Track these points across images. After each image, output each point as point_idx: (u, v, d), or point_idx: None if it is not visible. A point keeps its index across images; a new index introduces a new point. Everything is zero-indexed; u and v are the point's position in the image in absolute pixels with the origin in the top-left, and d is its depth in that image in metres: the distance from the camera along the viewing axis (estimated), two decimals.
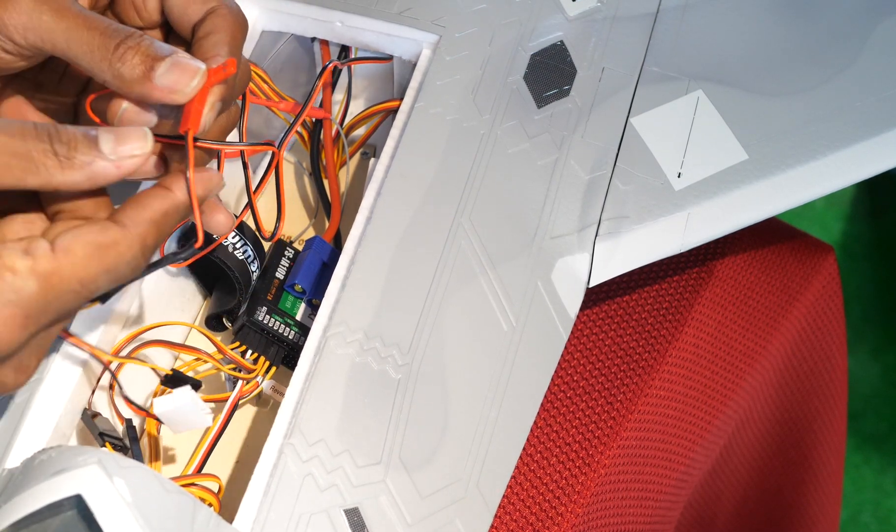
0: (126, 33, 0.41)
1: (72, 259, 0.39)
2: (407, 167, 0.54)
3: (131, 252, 0.40)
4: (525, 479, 0.56)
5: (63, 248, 0.39)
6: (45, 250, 0.38)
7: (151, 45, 0.41)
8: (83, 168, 0.39)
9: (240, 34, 0.45)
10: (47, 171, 0.39)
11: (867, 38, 0.61)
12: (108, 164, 0.40)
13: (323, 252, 0.56)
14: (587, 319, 0.62)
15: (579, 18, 0.61)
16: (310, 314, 0.54)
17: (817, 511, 0.84)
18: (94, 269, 0.39)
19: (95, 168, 0.40)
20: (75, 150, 0.39)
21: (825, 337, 0.73)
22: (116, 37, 0.41)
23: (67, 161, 0.39)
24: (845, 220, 1.56)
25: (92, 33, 0.41)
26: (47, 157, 0.39)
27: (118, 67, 0.41)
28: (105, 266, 0.39)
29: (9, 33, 0.41)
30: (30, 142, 0.39)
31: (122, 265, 0.40)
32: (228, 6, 0.45)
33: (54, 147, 0.39)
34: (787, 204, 0.57)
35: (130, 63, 0.41)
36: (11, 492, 0.40)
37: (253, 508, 0.44)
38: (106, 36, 0.41)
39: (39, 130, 0.39)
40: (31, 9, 0.41)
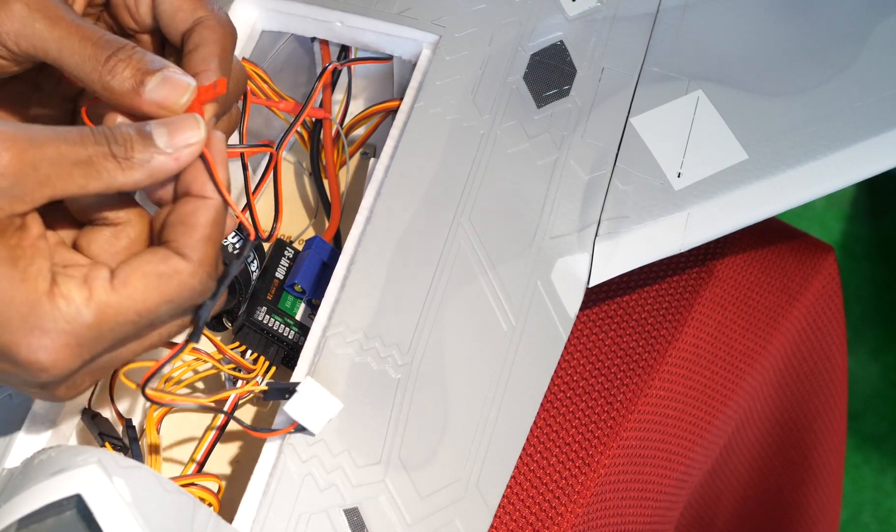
0: (118, 45, 0.41)
1: (130, 291, 0.39)
2: (407, 167, 0.54)
3: (197, 277, 0.40)
4: (525, 479, 0.56)
5: (122, 280, 0.39)
6: (104, 281, 0.39)
7: (143, 58, 0.41)
8: (143, 166, 0.39)
9: (229, 45, 0.45)
10: (109, 175, 0.39)
11: (867, 38, 0.61)
12: (166, 158, 0.40)
13: (323, 252, 0.56)
14: (587, 319, 0.62)
15: (579, 18, 0.61)
16: (310, 314, 0.54)
17: (817, 511, 0.84)
18: (154, 300, 0.39)
19: (155, 164, 0.40)
20: (132, 150, 0.39)
21: (825, 337, 0.73)
22: (108, 48, 0.41)
23: (126, 162, 0.39)
24: (845, 220, 1.56)
25: (83, 44, 0.41)
26: (107, 161, 0.39)
27: (108, 80, 0.41)
28: (165, 296, 0.39)
29: (2, 40, 0.41)
30: (90, 148, 0.38)
31: (185, 292, 0.40)
32: (217, 17, 0.45)
33: (112, 149, 0.39)
34: (787, 204, 0.57)
35: (121, 76, 0.41)
36: (11, 491, 0.40)
37: (252, 508, 0.44)
38: (97, 47, 0.41)
39: (97, 134, 0.39)
40: (24, 17, 0.41)
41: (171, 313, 0.40)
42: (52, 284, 0.38)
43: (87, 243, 0.42)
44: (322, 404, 0.46)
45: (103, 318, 0.38)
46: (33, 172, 0.37)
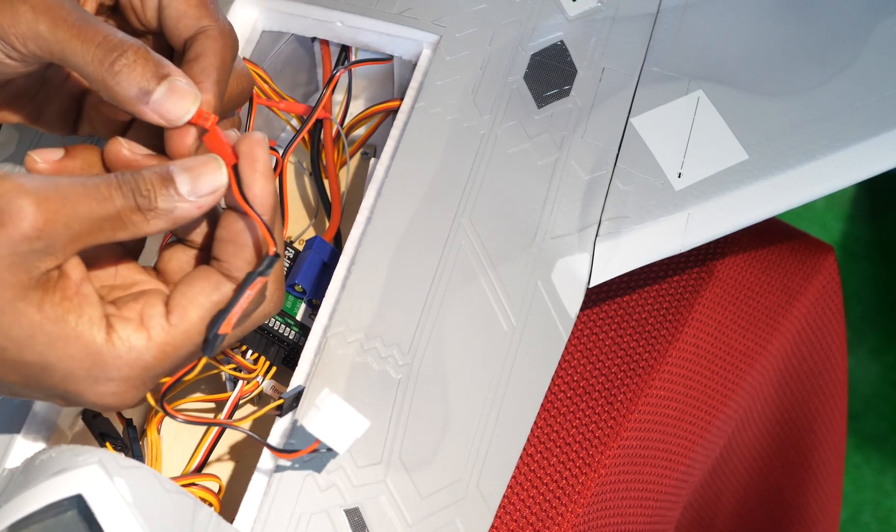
0: (123, 48, 0.41)
1: (186, 326, 0.40)
2: (407, 167, 0.54)
3: (248, 300, 0.40)
4: (525, 479, 0.56)
5: (179, 315, 0.40)
6: (160, 320, 0.39)
7: (147, 64, 0.41)
8: (167, 215, 0.40)
9: (229, 56, 0.45)
10: (135, 226, 0.39)
11: (867, 38, 0.61)
12: (188, 206, 0.40)
13: (323, 252, 0.56)
14: (587, 319, 0.62)
15: (579, 18, 0.61)
16: (310, 314, 0.54)
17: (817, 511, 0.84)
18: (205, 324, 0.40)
19: (178, 213, 0.40)
20: (156, 200, 0.39)
21: (825, 337, 0.73)
22: (113, 52, 0.41)
23: (150, 213, 0.39)
24: (845, 220, 1.56)
25: (87, 46, 0.41)
26: (133, 214, 0.39)
27: (112, 85, 0.41)
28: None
29: (10, 41, 0.42)
30: (117, 202, 0.39)
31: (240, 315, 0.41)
32: (220, 28, 0.45)
33: (137, 202, 0.39)
34: (787, 204, 0.57)
35: (126, 82, 0.41)
36: (12, 492, 0.40)
37: (253, 508, 0.44)
38: (103, 49, 0.41)
39: (124, 188, 0.39)
40: (31, 19, 0.41)
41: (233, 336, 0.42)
42: (108, 331, 0.38)
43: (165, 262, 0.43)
44: (347, 421, 0.44)
45: (164, 357, 0.39)
46: (66, 231, 0.38)
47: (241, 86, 0.47)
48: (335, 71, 0.60)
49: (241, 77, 0.47)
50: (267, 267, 0.41)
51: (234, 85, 0.46)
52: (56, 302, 0.38)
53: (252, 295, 0.41)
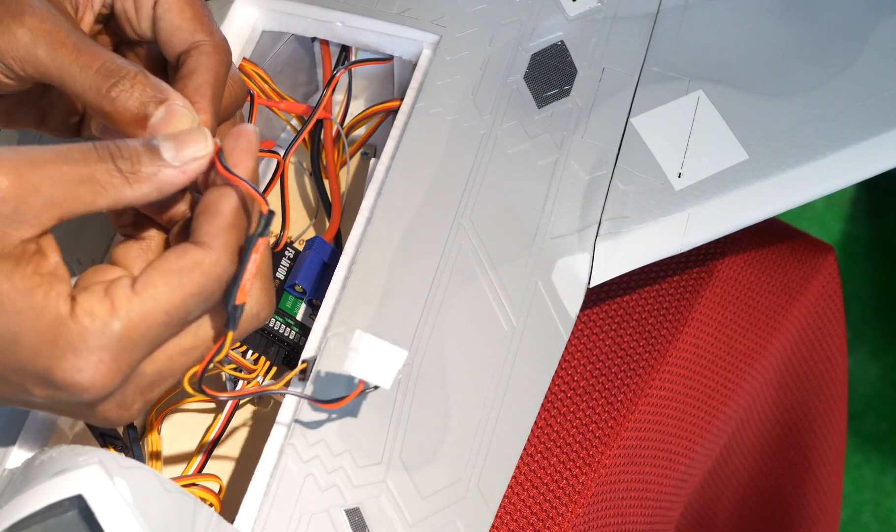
0: (120, 74, 0.41)
1: (152, 292, 0.38)
2: (407, 167, 0.54)
3: (220, 266, 0.39)
4: (525, 479, 0.56)
5: (143, 283, 0.38)
6: (125, 289, 0.38)
7: (146, 88, 0.41)
8: (150, 179, 0.39)
9: (223, 72, 0.44)
10: (115, 190, 0.39)
11: (867, 38, 0.61)
12: (173, 172, 0.39)
13: (323, 252, 0.56)
14: (587, 319, 0.62)
15: (579, 18, 0.61)
16: (310, 314, 0.54)
17: (817, 511, 0.84)
18: (179, 296, 0.39)
19: (162, 177, 0.39)
20: (139, 163, 0.39)
21: (825, 337, 0.73)
22: (110, 77, 0.41)
23: (133, 176, 0.39)
24: (845, 220, 1.56)
25: (86, 72, 0.41)
26: (112, 176, 0.38)
27: (110, 110, 0.41)
28: (190, 290, 0.39)
29: (9, 64, 0.42)
30: (93, 165, 0.38)
31: (210, 283, 0.39)
32: (214, 43, 0.44)
33: (118, 164, 0.39)
34: (787, 204, 0.57)
35: (123, 107, 0.41)
36: (12, 492, 0.40)
37: (254, 508, 0.44)
38: (100, 75, 0.41)
39: (100, 150, 0.39)
40: (29, 43, 0.41)
41: (203, 305, 0.40)
42: (73, 305, 0.38)
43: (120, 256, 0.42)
44: (385, 356, 0.44)
45: (131, 326, 0.38)
46: (35, 194, 0.37)
47: (235, 93, 0.47)
48: (335, 71, 0.60)
49: (234, 84, 0.47)
50: (265, 226, 0.40)
51: (227, 93, 0.46)
52: (27, 275, 0.37)
53: (258, 259, 0.40)
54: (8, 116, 0.47)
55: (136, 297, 0.38)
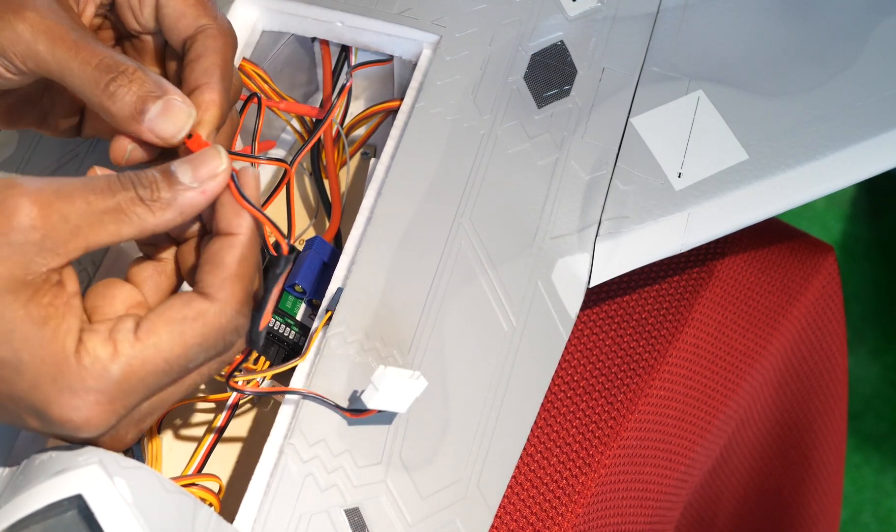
0: (119, 69, 0.41)
1: (155, 340, 0.39)
2: (407, 167, 0.54)
3: (224, 317, 0.40)
4: (525, 479, 0.56)
5: (146, 330, 0.39)
6: (128, 334, 0.38)
7: (144, 83, 0.41)
8: (171, 205, 0.40)
9: (230, 54, 0.45)
10: (139, 219, 0.39)
11: (867, 38, 0.61)
12: (193, 194, 0.40)
13: (323, 252, 0.55)
14: (587, 319, 0.62)
15: (579, 18, 0.61)
16: (310, 314, 0.54)
17: (817, 511, 0.84)
18: (181, 346, 0.39)
19: (182, 201, 0.40)
20: (158, 190, 0.39)
21: (825, 337, 0.73)
22: (108, 73, 0.41)
23: (154, 203, 0.39)
24: (845, 220, 1.56)
25: (84, 67, 0.41)
26: (136, 205, 0.39)
27: (108, 105, 0.41)
28: (192, 340, 0.39)
29: (10, 58, 0.42)
30: (118, 194, 0.39)
31: (213, 333, 0.40)
32: (219, 26, 0.45)
33: (139, 193, 0.39)
34: (787, 204, 0.57)
35: (121, 102, 0.41)
36: (12, 492, 0.40)
37: (253, 508, 0.44)
38: (99, 70, 0.41)
39: (123, 180, 0.39)
40: (30, 39, 0.41)
41: (204, 355, 0.40)
42: (78, 343, 0.38)
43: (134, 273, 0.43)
44: (405, 388, 0.44)
45: (130, 372, 0.38)
46: (64, 224, 0.37)
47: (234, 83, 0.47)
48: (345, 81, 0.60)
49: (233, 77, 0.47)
50: (286, 265, 0.42)
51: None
52: (43, 304, 0.37)
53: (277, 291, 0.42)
54: (9, 116, 0.48)
55: (139, 343, 0.38)
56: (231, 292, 0.40)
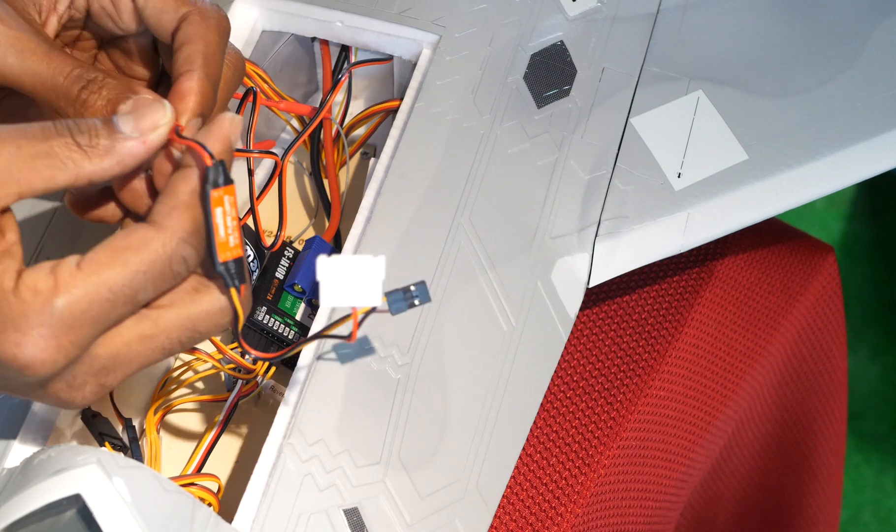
0: (88, 78, 0.41)
1: (96, 268, 0.37)
2: (407, 167, 0.54)
3: (169, 245, 0.38)
4: (525, 479, 0.56)
5: (88, 261, 0.38)
6: (70, 266, 0.38)
7: (114, 88, 0.41)
8: (110, 152, 0.38)
9: (215, 37, 0.43)
10: (75, 165, 0.38)
11: (867, 38, 0.61)
12: (133, 143, 0.39)
13: (323, 252, 0.55)
14: (587, 319, 0.62)
15: (579, 18, 0.61)
16: (309, 314, 0.54)
17: (817, 511, 0.84)
18: (123, 273, 0.38)
19: (122, 149, 0.39)
20: (97, 136, 0.38)
21: (825, 337, 0.73)
22: (79, 82, 0.41)
23: (92, 149, 0.38)
24: (845, 220, 1.56)
25: (56, 78, 0.41)
26: (71, 150, 0.38)
27: (81, 113, 0.41)
28: (135, 267, 0.38)
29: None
30: (51, 139, 0.38)
31: (158, 261, 0.38)
32: (200, 11, 0.44)
33: (76, 139, 0.38)
34: (787, 204, 0.57)
35: (93, 107, 0.41)
36: (11, 491, 0.40)
37: (252, 508, 0.44)
38: (70, 81, 0.41)
39: (58, 126, 0.38)
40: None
41: (152, 285, 0.38)
42: (17, 281, 0.37)
43: None
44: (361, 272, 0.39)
45: (73, 302, 0.37)
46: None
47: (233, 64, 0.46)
48: (340, 75, 0.60)
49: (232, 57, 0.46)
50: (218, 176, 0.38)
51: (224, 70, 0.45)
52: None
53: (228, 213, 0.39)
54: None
55: (80, 273, 0.37)
56: (178, 220, 0.39)
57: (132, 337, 0.39)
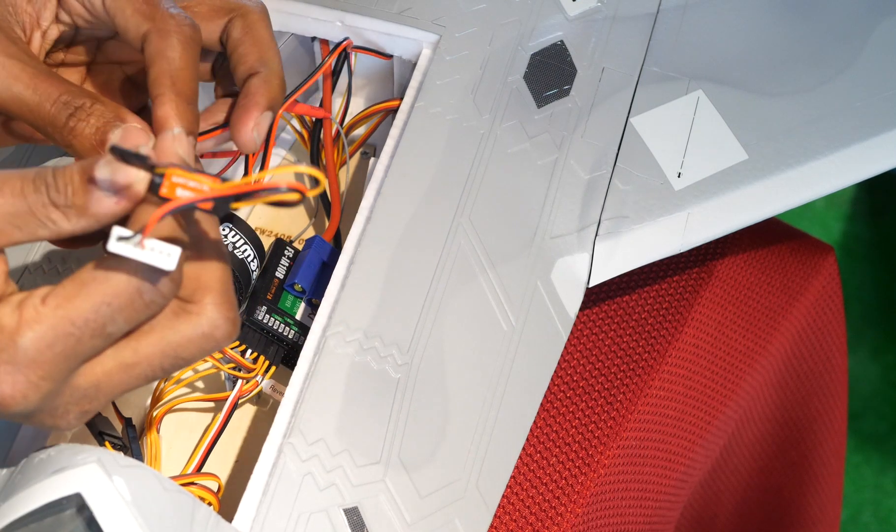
0: (76, 104, 0.41)
1: (59, 301, 0.37)
2: (407, 167, 0.54)
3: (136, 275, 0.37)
4: (525, 479, 0.56)
5: (54, 294, 0.37)
6: (35, 301, 0.37)
7: (101, 115, 0.41)
8: (86, 213, 0.37)
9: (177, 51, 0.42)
10: (54, 224, 0.37)
11: (867, 38, 0.61)
12: (109, 202, 0.37)
13: (323, 251, 0.56)
14: (587, 319, 0.62)
15: (579, 18, 0.61)
16: (309, 314, 0.54)
17: (817, 511, 0.84)
18: (86, 306, 0.37)
19: (98, 209, 0.37)
20: (74, 195, 0.37)
21: (825, 337, 0.73)
22: (66, 110, 0.41)
23: (69, 210, 0.37)
24: (845, 220, 1.56)
25: (42, 106, 0.41)
26: (48, 210, 0.37)
27: (70, 140, 0.41)
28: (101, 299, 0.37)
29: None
30: (30, 198, 0.37)
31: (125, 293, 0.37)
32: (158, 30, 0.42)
33: (52, 198, 0.37)
34: (787, 204, 0.57)
35: (81, 135, 0.40)
36: (11, 490, 0.40)
37: (252, 507, 0.44)
38: (57, 108, 0.41)
39: (37, 182, 0.37)
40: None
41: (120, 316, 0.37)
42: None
43: None
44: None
45: (37, 338, 0.36)
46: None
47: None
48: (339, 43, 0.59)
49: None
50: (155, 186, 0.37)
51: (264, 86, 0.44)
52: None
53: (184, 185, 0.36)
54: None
55: (44, 309, 0.37)
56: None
57: (112, 366, 0.39)
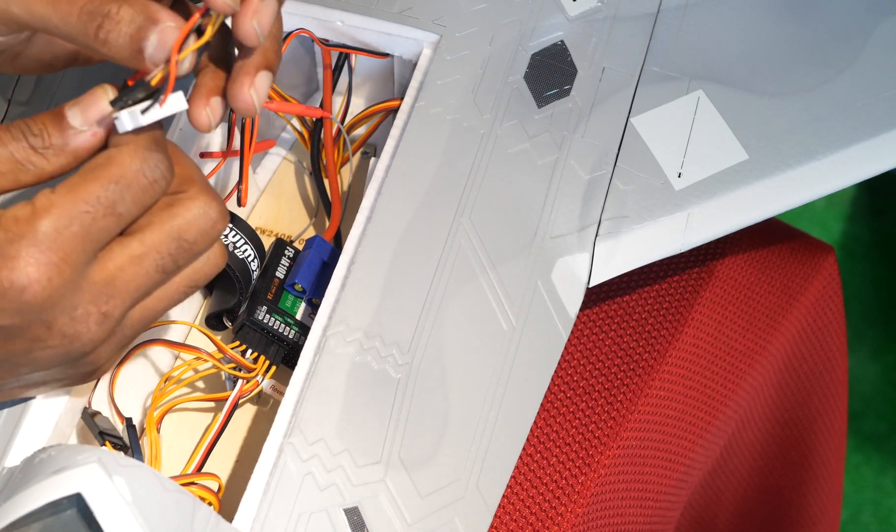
0: (102, 14, 0.40)
1: (69, 188, 0.38)
2: (407, 167, 0.54)
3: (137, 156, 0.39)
4: (525, 479, 0.56)
5: (61, 185, 0.39)
6: (45, 193, 0.39)
7: (132, 21, 0.40)
8: (64, 151, 0.39)
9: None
10: (35, 167, 0.39)
11: (867, 38, 0.61)
12: (84, 137, 0.40)
13: (323, 251, 0.56)
14: (587, 319, 0.62)
15: (580, 18, 0.61)
16: (310, 313, 0.54)
17: (817, 511, 0.84)
18: (95, 186, 0.39)
19: (75, 146, 0.40)
20: (49, 137, 0.39)
21: (825, 337, 0.73)
22: (94, 20, 0.40)
23: (48, 151, 0.39)
24: (845, 220, 1.56)
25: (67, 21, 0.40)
26: (29, 154, 0.39)
27: (106, 52, 0.40)
28: (108, 178, 0.39)
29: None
30: (9, 145, 0.39)
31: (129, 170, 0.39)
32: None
33: (30, 142, 0.39)
34: (787, 204, 0.57)
35: (116, 46, 0.40)
36: (11, 490, 0.40)
37: (253, 507, 0.44)
38: (83, 20, 0.40)
39: (14, 131, 0.39)
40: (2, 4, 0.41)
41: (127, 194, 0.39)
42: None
43: None
44: None
45: (55, 219, 0.38)
46: None
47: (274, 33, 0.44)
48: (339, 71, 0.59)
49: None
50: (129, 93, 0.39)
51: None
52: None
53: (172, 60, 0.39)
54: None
55: (55, 195, 0.38)
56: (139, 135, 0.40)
57: (123, 260, 0.40)
